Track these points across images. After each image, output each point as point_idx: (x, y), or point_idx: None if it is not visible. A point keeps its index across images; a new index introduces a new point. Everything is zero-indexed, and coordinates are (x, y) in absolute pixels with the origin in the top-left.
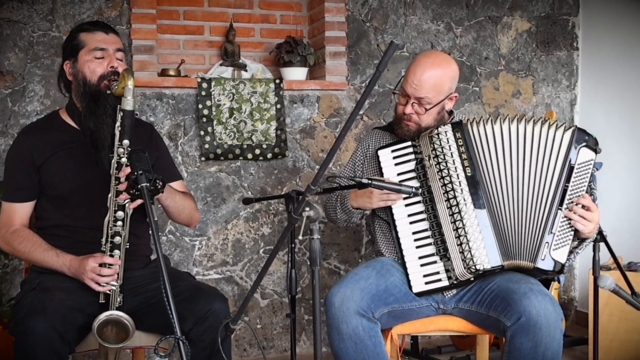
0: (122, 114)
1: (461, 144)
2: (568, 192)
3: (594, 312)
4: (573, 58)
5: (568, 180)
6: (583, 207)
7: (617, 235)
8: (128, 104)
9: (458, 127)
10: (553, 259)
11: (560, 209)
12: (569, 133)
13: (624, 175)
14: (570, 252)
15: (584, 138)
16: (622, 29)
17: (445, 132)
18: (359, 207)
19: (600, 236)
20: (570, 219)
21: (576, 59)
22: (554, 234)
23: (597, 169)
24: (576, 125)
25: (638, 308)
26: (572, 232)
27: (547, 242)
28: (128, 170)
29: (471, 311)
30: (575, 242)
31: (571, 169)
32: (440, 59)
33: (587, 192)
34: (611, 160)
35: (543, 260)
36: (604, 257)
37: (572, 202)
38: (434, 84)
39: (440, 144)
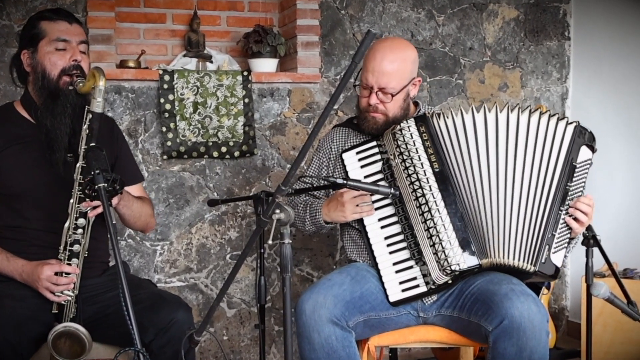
0: (90, 116)
1: (426, 138)
2: (569, 193)
3: (587, 322)
4: (564, 48)
5: (570, 179)
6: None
7: (612, 240)
8: (98, 105)
9: (422, 120)
10: (552, 262)
11: (561, 210)
12: (571, 128)
13: (620, 175)
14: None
15: (584, 135)
16: (617, 17)
17: (409, 127)
18: (332, 221)
19: (594, 241)
20: (570, 219)
21: (568, 49)
22: (555, 235)
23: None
24: (578, 121)
25: (634, 318)
26: (569, 234)
27: (547, 245)
28: None
29: (453, 317)
30: None
31: (573, 168)
32: (397, 42)
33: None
34: (606, 158)
35: (544, 263)
36: (598, 263)
37: (572, 203)
38: (396, 69)
39: (404, 140)
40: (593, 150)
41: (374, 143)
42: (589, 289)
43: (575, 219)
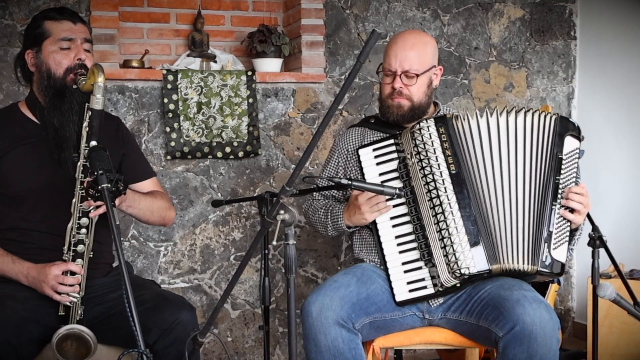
0: (90, 113)
1: (445, 139)
2: (560, 186)
3: (593, 323)
4: (570, 48)
5: (558, 173)
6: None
7: (618, 241)
8: (97, 102)
9: (441, 121)
10: (554, 259)
11: (554, 205)
12: (552, 121)
13: (625, 175)
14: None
15: (567, 126)
16: (623, 17)
17: (428, 127)
18: (354, 225)
19: (600, 242)
20: (565, 211)
21: (574, 49)
22: (552, 232)
23: (580, 157)
24: (558, 113)
25: None
26: (569, 228)
27: (546, 242)
28: None
29: (460, 321)
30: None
31: (559, 160)
32: (416, 31)
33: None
34: (610, 158)
35: (544, 261)
36: (604, 264)
37: (565, 196)
38: (418, 53)
39: (423, 140)
40: (579, 139)
41: (392, 141)
42: (595, 290)
43: (572, 210)
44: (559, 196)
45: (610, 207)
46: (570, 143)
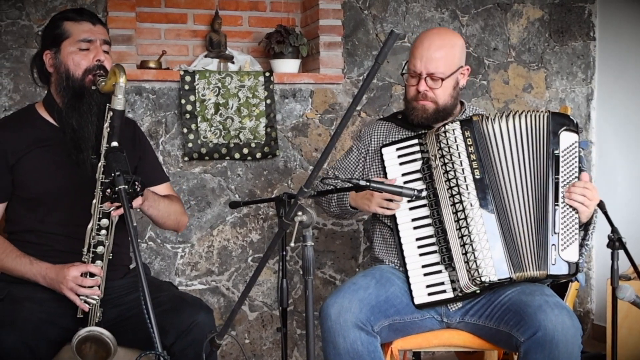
0: (111, 113)
1: (470, 143)
2: (560, 185)
3: (613, 325)
4: (589, 49)
5: (557, 171)
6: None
7: (638, 242)
8: (119, 103)
9: (467, 124)
10: (565, 261)
11: (557, 205)
12: (545, 120)
13: None
14: (581, 246)
15: (561, 122)
16: None
17: (453, 130)
18: (357, 207)
19: (620, 243)
20: (569, 211)
21: (593, 49)
22: (558, 233)
23: (584, 149)
24: (549, 110)
25: None
26: (577, 226)
27: (553, 245)
28: None
29: (478, 325)
30: (582, 233)
31: (557, 159)
32: (444, 30)
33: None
34: (629, 159)
35: (554, 264)
36: (623, 265)
37: (567, 193)
38: (445, 54)
39: (447, 143)
40: (577, 132)
41: (416, 141)
42: (614, 292)
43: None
44: (561, 195)
45: (630, 208)
46: (566, 138)
